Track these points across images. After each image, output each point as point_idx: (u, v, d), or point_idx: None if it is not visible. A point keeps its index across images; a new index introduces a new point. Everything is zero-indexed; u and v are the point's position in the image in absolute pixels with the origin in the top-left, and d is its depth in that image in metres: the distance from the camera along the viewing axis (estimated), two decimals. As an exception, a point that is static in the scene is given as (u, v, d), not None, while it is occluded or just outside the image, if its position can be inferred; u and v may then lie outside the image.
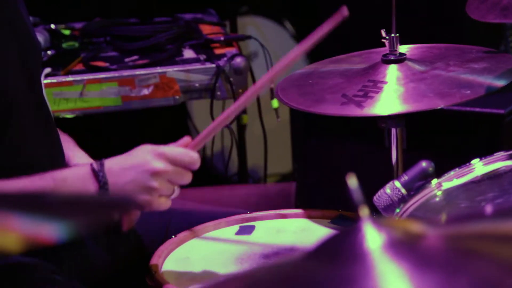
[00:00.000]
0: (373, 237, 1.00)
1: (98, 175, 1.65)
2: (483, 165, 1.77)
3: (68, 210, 1.11)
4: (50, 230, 0.99)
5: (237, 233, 1.86)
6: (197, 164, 1.68)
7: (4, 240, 0.92)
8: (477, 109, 2.61)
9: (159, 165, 1.64)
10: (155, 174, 1.64)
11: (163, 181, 1.65)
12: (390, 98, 1.81)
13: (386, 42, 1.90)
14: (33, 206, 1.10)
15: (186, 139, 1.73)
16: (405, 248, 1.00)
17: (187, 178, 1.67)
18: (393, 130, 1.91)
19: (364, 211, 1.04)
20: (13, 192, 1.49)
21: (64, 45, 2.92)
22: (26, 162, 1.78)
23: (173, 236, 1.82)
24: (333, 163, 2.93)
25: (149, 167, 1.64)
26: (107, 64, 2.79)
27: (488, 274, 0.93)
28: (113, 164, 1.67)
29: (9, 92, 1.73)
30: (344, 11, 1.69)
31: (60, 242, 1.01)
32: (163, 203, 1.66)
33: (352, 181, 1.05)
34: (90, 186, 1.65)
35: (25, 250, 0.99)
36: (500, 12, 1.76)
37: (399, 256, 0.98)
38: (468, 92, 1.80)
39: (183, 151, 1.68)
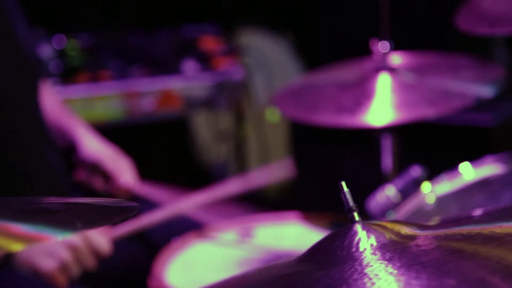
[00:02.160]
0: (364, 239, 1.05)
1: None
2: (473, 168, 1.82)
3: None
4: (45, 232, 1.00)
5: (237, 238, 1.91)
6: (105, 252, 1.70)
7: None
8: (466, 121, 2.62)
9: (75, 240, 1.65)
10: (69, 247, 1.64)
11: (73, 257, 1.66)
12: (383, 107, 1.84)
13: (378, 51, 1.92)
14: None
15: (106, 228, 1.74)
16: (395, 249, 1.04)
17: (93, 263, 1.69)
18: (385, 137, 1.95)
19: (357, 215, 1.08)
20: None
21: (68, 57, 2.96)
22: (16, 162, 1.81)
23: (174, 241, 1.87)
24: (327, 170, 2.96)
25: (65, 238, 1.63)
26: (110, 77, 2.83)
27: (475, 274, 0.97)
28: None
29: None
30: (291, 171, 1.85)
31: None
32: (62, 282, 1.65)
33: (345, 187, 1.09)
34: None
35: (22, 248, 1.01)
36: (489, 24, 1.81)
37: (390, 256, 1.02)
38: (458, 101, 1.83)
39: (99, 235, 1.70)
